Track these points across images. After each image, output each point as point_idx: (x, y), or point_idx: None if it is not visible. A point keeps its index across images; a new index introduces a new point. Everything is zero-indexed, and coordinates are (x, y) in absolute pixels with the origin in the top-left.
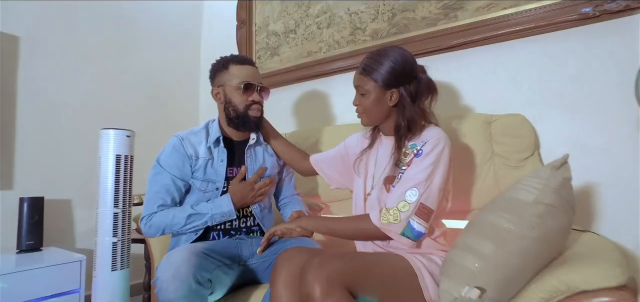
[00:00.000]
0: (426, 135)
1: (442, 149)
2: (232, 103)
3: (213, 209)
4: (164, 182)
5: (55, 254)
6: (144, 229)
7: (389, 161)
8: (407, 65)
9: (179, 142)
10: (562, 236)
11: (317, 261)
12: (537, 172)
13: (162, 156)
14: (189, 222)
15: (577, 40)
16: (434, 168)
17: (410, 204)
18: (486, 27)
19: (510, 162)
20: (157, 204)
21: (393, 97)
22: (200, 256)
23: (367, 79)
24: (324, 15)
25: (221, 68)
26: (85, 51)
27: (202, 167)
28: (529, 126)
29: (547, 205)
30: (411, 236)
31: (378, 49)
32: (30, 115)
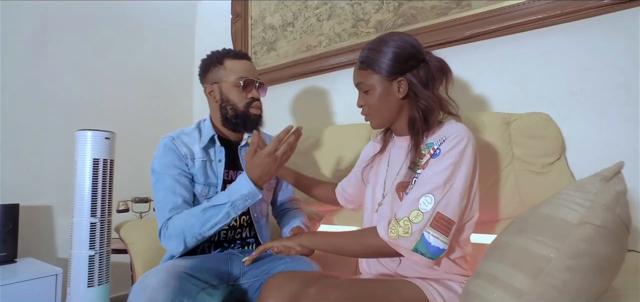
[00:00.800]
0: (445, 131)
1: (465, 147)
2: (230, 101)
3: (231, 194)
4: (166, 184)
5: (31, 266)
6: (165, 243)
7: (403, 164)
8: (412, 49)
9: (170, 141)
10: (615, 264)
11: (314, 292)
12: (582, 184)
13: (155, 161)
14: (206, 219)
15: (610, 29)
16: (454, 169)
17: (424, 214)
18: (504, 15)
19: (534, 167)
20: (168, 209)
21: (401, 87)
22: (181, 278)
23: (368, 72)
24: (324, 6)
25: (215, 63)
26: (67, 46)
27: (201, 168)
28: (554, 126)
29: (598, 226)
30: (426, 252)
31: (375, 38)
32: (3, 114)
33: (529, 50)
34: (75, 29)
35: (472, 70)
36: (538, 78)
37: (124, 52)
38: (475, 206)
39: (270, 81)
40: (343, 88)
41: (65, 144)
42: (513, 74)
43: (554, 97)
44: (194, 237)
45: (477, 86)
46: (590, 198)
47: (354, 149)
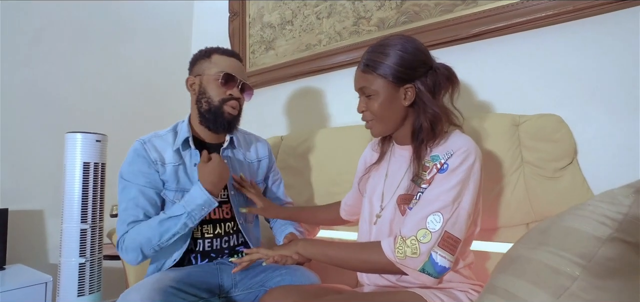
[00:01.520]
0: (452, 144)
1: (472, 163)
2: (206, 94)
3: (186, 205)
4: (131, 195)
5: (20, 273)
6: (122, 255)
7: (405, 175)
8: (420, 53)
9: (140, 146)
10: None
11: None
12: (613, 195)
13: (124, 166)
14: (164, 231)
15: (626, 26)
16: (462, 188)
17: (432, 233)
18: (512, 12)
19: (545, 171)
20: (127, 222)
21: (408, 95)
22: (168, 293)
23: (373, 76)
24: (324, 4)
25: (203, 57)
26: (58, 47)
27: (172, 174)
28: (566, 128)
29: (631, 244)
30: (433, 272)
31: (379, 39)
32: None
33: (540, 48)
34: (67, 29)
35: (479, 70)
36: (549, 78)
37: (117, 53)
38: (478, 221)
39: (268, 81)
40: (343, 88)
41: (56, 147)
42: (522, 73)
43: (566, 98)
44: (152, 249)
45: (484, 86)
46: (623, 211)
47: (354, 152)
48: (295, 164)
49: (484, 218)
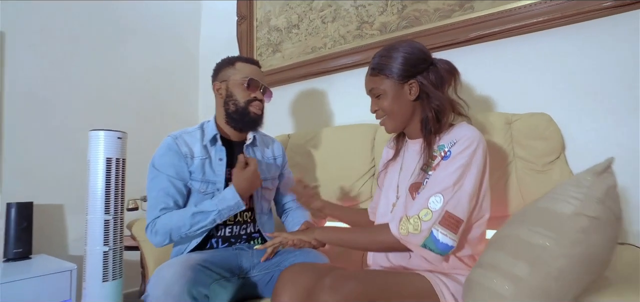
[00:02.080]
0: (456, 133)
1: (475, 149)
2: (233, 97)
3: (218, 204)
4: (162, 184)
5: (45, 262)
6: (150, 237)
7: (416, 165)
8: (420, 52)
9: (172, 141)
10: (607, 253)
11: (330, 282)
12: (576, 179)
13: (156, 158)
14: (194, 222)
15: (609, 31)
16: (464, 171)
17: (433, 212)
18: (506, 18)
19: (535, 166)
20: (159, 208)
21: (413, 90)
22: (196, 269)
23: (380, 78)
24: (329, 8)
25: (227, 64)
26: (76, 47)
27: (200, 166)
28: (554, 126)
29: (591, 217)
30: (435, 248)
31: (384, 46)
32: (17, 115)
33: (530, 52)
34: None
35: (475, 72)
36: (539, 79)
37: (129, 56)
38: (486, 205)
39: (275, 82)
40: (347, 89)
41: (74, 145)
42: (515, 75)
43: (554, 98)
44: (179, 236)
45: (479, 87)
46: (584, 192)
47: (356, 149)
48: (302, 161)
49: None
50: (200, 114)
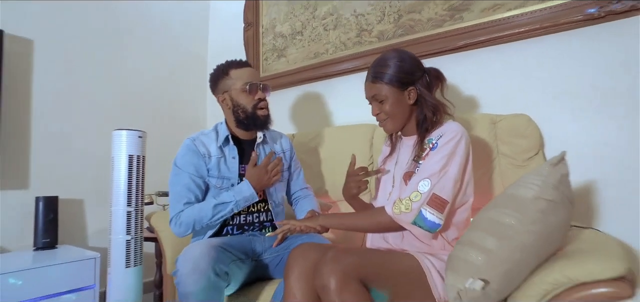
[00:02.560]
0: (443, 129)
1: (458, 141)
2: (240, 105)
3: (235, 195)
4: (184, 181)
5: (70, 251)
6: (175, 228)
7: (409, 158)
8: (414, 61)
9: (191, 142)
10: (562, 230)
11: (332, 256)
12: (537, 169)
13: (178, 158)
14: (216, 213)
15: (582, 41)
16: (448, 159)
17: (422, 194)
18: (492, 28)
19: (516, 161)
20: (183, 202)
21: (412, 95)
22: (218, 250)
23: (381, 85)
24: (331, 17)
25: (221, 75)
26: (95, 54)
27: (216, 165)
28: (534, 126)
29: (548, 200)
30: (423, 226)
31: (378, 56)
32: (44, 117)
33: (513, 59)
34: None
35: (464, 76)
36: (521, 83)
37: (144, 60)
38: (469, 191)
39: (280, 85)
40: (347, 92)
41: (93, 144)
42: (499, 80)
43: (534, 100)
44: (201, 226)
45: (467, 90)
46: (542, 179)
47: (355, 147)
48: (306, 158)
49: None
50: (208, 115)
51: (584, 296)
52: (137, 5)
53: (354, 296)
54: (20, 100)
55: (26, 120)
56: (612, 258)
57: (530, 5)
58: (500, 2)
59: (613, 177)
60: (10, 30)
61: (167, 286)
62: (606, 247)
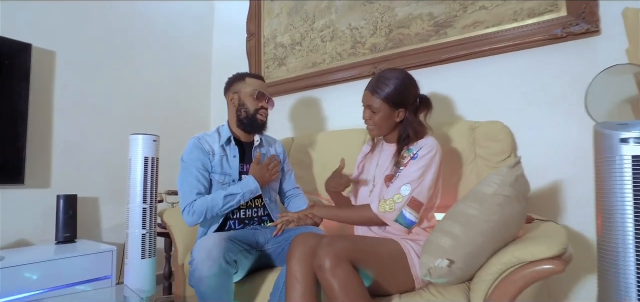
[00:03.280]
0: (422, 142)
1: (434, 154)
2: (245, 106)
3: (242, 188)
4: (193, 173)
5: (88, 245)
6: (187, 217)
7: (390, 163)
8: (412, 88)
9: (196, 141)
10: (517, 220)
11: (327, 241)
12: (498, 170)
13: (185, 155)
14: (226, 203)
15: (548, 57)
16: (426, 169)
17: (403, 197)
18: (471, 43)
19: (491, 163)
20: (194, 192)
21: (400, 115)
22: (228, 241)
23: (377, 98)
24: (328, 29)
25: (238, 79)
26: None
27: (219, 162)
28: (507, 131)
29: (505, 196)
30: (403, 223)
31: (384, 71)
32: (64, 122)
33: (490, 71)
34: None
35: (446, 86)
36: (497, 93)
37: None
38: (438, 193)
39: (280, 92)
40: (342, 99)
41: (108, 146)
42: (477, 90)
43: (508, 108)
44: (212, 215)
45: (450, 99)
46: (501, 178)
47: (350, 150)
48: (305, 159)
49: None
50: (212, 119)
51: (529, 272)
52: (148, 18)
53: (345, 273)
54: (44, 107)
55: (48, 125)
56: (551, 242)
57: (505, 24)
58: (480, 20)
59: (575, 175)
60: (34, 43)
61: (177, 275)
62: (551, 234)
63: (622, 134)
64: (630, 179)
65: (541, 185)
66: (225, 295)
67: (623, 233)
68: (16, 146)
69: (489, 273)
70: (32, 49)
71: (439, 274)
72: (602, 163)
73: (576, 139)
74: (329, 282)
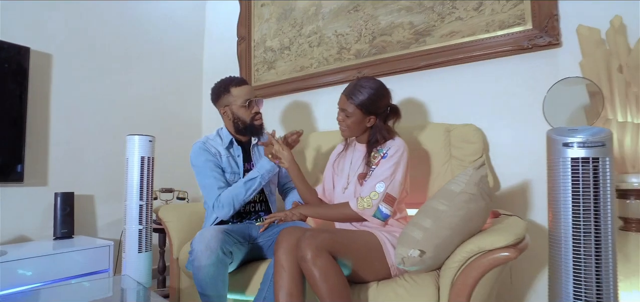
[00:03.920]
0: (390, 143)
1: (402, 153)
2: (240, 118)
3: (259, 170)
4: (209, 173)
5: (85, 240)
6: (218, 211)
7: (362, 162)
8: (384, 98)
9: (202, 144)
10: (481, 215)
11: (309, 234)
12: (465, 170)
13: (194, 159)
14: (248, 188)
15: (516, 65)
16: (396, 167)
17: (379, 194)
18: (448, 51)
19: (464, 163)
20: (217, 187)
21: (371, 121)
22: (224, 233)
23: (351, 103)
24: (315, 35)
25: (223, 92)
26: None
27: (227, 162)
28: (479, 133)
29: (470, 194)
30: (380, 217)
31: (360, 78)
32: (61, 121)
33: (465, 77)
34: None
35: (425, 91)
36: (471, 98)
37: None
38: (408, 188)
39: (270, 94)
40: (329, 102)
41: (103, 146)
42: (453, 94)
43: (482, 112)
44: (240, 202)
45: (427, 103)
46: (467, 178)
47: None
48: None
49: (421, 194)
50: (204, 120)
51: (488, 259)
52: (142, 23)
53: (324, 263)
54: (41, 109)
55: (46, 126)
56: (508, 232)
57: (479, 34)
58: (456, 30)
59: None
60: (33, 46)
61: (172, 268)
62: (511, 226)
63: (564, 139)
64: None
65: (511, 183)
66: (221, 282)
67: (565, 224)
68: (15, 146)
69: (455, 261)
70: (30, 52)
71: (411, 263)
72: (551, 164)
73: (542, 142)
74: (311, 272)
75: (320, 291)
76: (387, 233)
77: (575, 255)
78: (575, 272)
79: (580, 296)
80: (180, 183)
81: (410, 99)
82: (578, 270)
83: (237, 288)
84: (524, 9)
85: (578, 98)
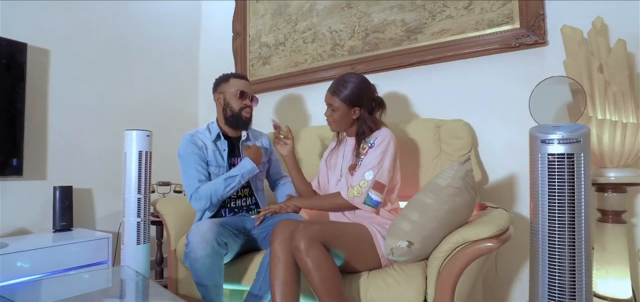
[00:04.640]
0: (377, 133)
1: (389, 142)
2: (229, 105)
3: (240, 169)
4: (193, 165)
5: (84, 233)
6: (195, 203)
7: (352, 154)
8: (366, 91)
9: (190, 137)
10: (466, 208)
11: (303, 226)
12: (451, 165)
13: (181, 151)
14: (227, 185)
15: (504, 63)
16: (383, 155)
17: (368, 181)
18: (439, 49)
19: (454, 158)
20: (197, 179)
21: (356, 113)
22: (219, 225)
23: (336, 98)
24: (309, 31)
25: (223, 80)
26: (102, 62)
27: (213, 155)
28: (468, 129)
29: (455, 188)
30: (371, 203)
31: (343, 74)
32: (59, 117)
33: (454, 74)
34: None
35: (416, 87)
36: (459, 94)
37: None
38: (397, 177)
39: (264, 89)
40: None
41: (101, 141)
42: (443, 91)
43: (471, 108)
44: (217, 198)
45: (418, 99)
46: (453, 173)
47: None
48: None
49: (412, 187)
50: (200, 115)
51: (472, 249)
52: (139, 19)
53: (317, 254)
54: (39, 103)
55: (44, 121)
56: (491, 224)
57: (469, 32)
58: (447, 28)
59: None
60: (30, 42)
61: (170, 259)
62: (495, 218)
63: (543, 136)
64: (547, 171)
65: (499, 177)
66: (217, 273)
67: (542, 215)
68: (14, 141)
69: (442, 251)
70: (28, 48)
71: (400, 253)
72: (532, 159)
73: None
74: (304, 262)
75: (313, 280)
76: (378, 225)
77: (550, 244)
78: (551, 260)
79: (554, 282)
80: (177, 177)
81: (402, 95)
82: (552, 258)
83: (234, 278)
84: (512, 8)
85: (562, 96)
